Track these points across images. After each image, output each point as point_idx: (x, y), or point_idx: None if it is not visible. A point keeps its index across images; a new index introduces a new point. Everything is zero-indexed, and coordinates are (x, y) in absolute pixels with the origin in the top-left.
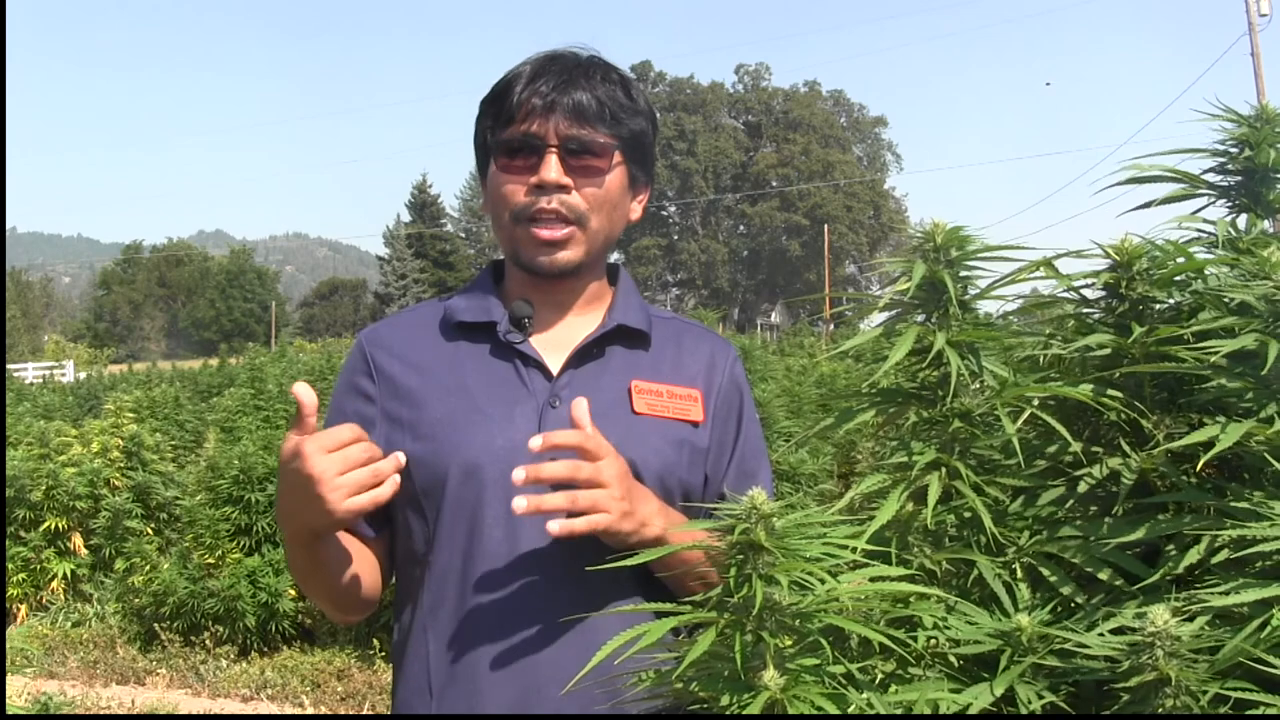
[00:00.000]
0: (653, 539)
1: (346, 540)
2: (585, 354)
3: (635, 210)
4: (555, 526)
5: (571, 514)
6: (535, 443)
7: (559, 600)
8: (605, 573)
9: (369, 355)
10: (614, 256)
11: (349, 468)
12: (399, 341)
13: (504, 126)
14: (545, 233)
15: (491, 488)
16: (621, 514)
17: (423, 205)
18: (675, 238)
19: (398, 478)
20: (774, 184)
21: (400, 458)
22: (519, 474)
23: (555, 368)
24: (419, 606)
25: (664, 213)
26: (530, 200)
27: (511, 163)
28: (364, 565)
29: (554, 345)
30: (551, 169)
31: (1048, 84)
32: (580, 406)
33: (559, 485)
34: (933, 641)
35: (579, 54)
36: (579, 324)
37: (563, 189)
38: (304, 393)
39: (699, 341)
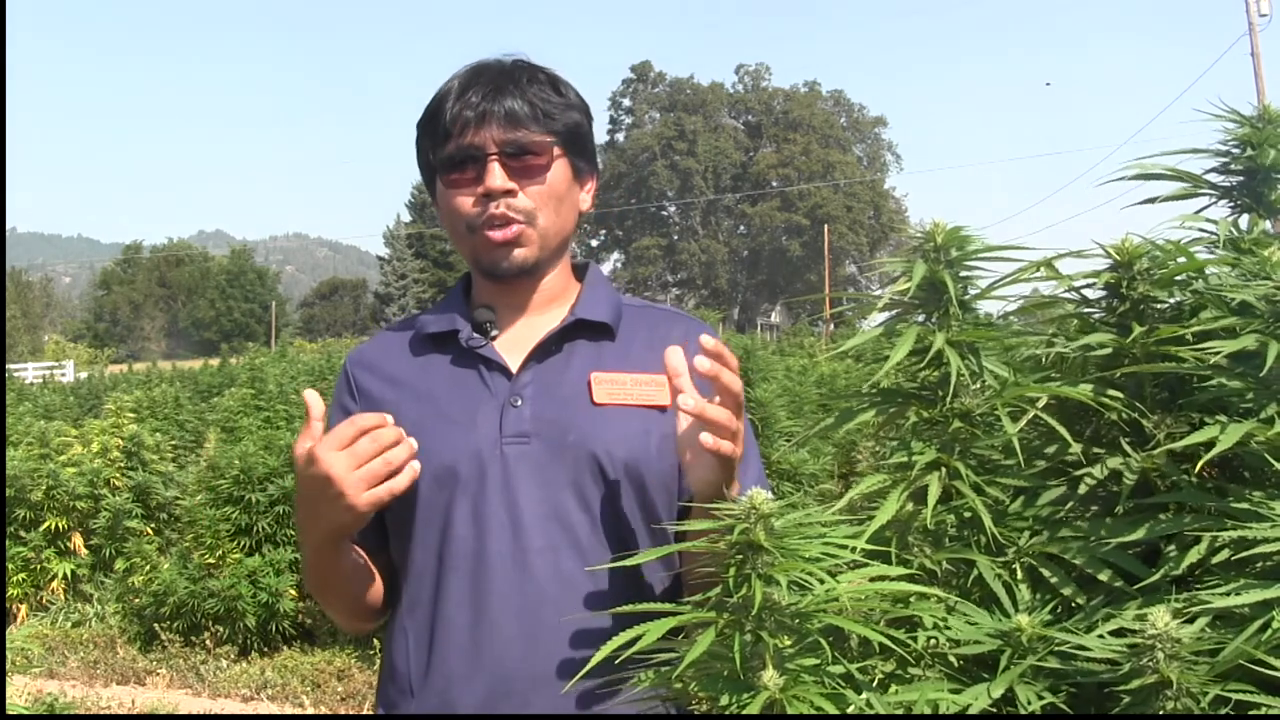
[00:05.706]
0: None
1: (357, 553)
2: (545, 350)
3: (585, 200)
4: (710, 439)
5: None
6: (703, 364)
7: (526, 598)
8: (574, 571)
9: (351, 375)
10: (615, 256)
11: (361, 463)
12: (378, 359)
13: (443, 143)
14: (498, 234)
15: (460, 490)
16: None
17: (423, 205)
18: (675, 238)
19: (416, 465)
20: (774, 184)
21: (413, 443)
22: (687, 401)
23: (516, 367)
24: (399, 606)
25: (664, 213)
26: (480, 209)
27: (458, 177)
28: (374, 575)
29: (516, 345)
30: (495, 177)
31: (1048, 84)
32: (676, 354)
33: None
34: (932, 642)
35: (504, 61)
36: (540, 322)
37: (509, 193)
38: (312, 399)
39: (672, 325)
